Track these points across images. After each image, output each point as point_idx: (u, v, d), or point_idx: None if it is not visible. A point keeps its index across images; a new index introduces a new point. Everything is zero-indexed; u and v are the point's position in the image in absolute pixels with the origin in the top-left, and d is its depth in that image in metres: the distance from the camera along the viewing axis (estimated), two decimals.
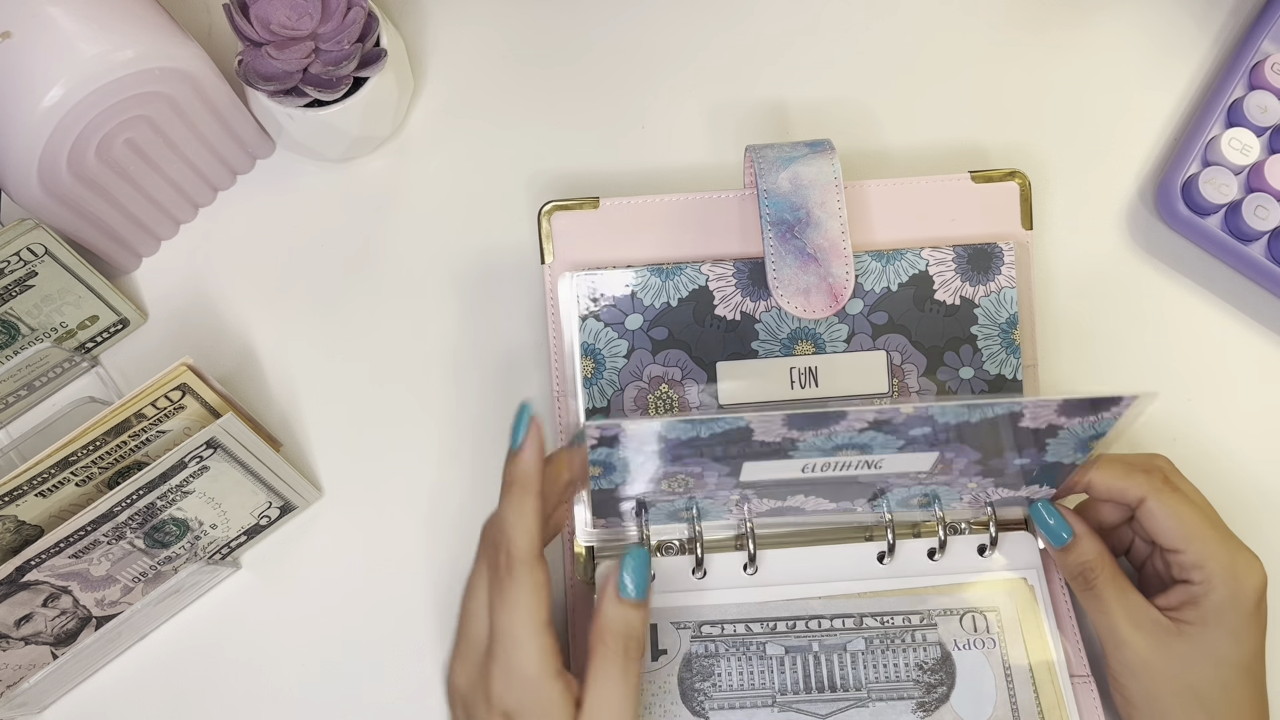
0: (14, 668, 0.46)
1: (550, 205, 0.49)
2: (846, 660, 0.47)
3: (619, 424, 0.39)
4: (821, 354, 0.49)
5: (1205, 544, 0.44)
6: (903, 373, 0.49)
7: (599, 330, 0.48)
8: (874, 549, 0.49)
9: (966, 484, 0.46)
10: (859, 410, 0.39)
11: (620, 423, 0.39)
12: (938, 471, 0.44)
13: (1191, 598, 0.44)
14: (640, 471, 0.43)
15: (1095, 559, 0.46)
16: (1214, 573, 0.44)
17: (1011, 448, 0.43)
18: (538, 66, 0.58)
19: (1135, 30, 0.59)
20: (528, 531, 0.40)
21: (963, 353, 0.49)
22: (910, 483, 0.46)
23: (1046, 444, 0.43)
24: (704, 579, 0.48)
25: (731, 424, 0.39)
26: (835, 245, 0.47)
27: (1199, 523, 0.45)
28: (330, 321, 0.54)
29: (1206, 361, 0.55)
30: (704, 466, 0.43)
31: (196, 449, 0.44)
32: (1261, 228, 0.53)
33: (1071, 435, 0.43)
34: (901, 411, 0.39)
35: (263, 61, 0.48)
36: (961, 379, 0.49)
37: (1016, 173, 0.50)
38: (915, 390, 0.48)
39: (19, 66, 0.44)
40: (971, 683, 0.47)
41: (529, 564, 0.40)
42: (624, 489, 0.45)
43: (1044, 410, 0.41)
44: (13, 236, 0.45)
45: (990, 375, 0.49)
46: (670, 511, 0.47)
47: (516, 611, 0.39)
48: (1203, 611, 0.44)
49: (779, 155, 0.47)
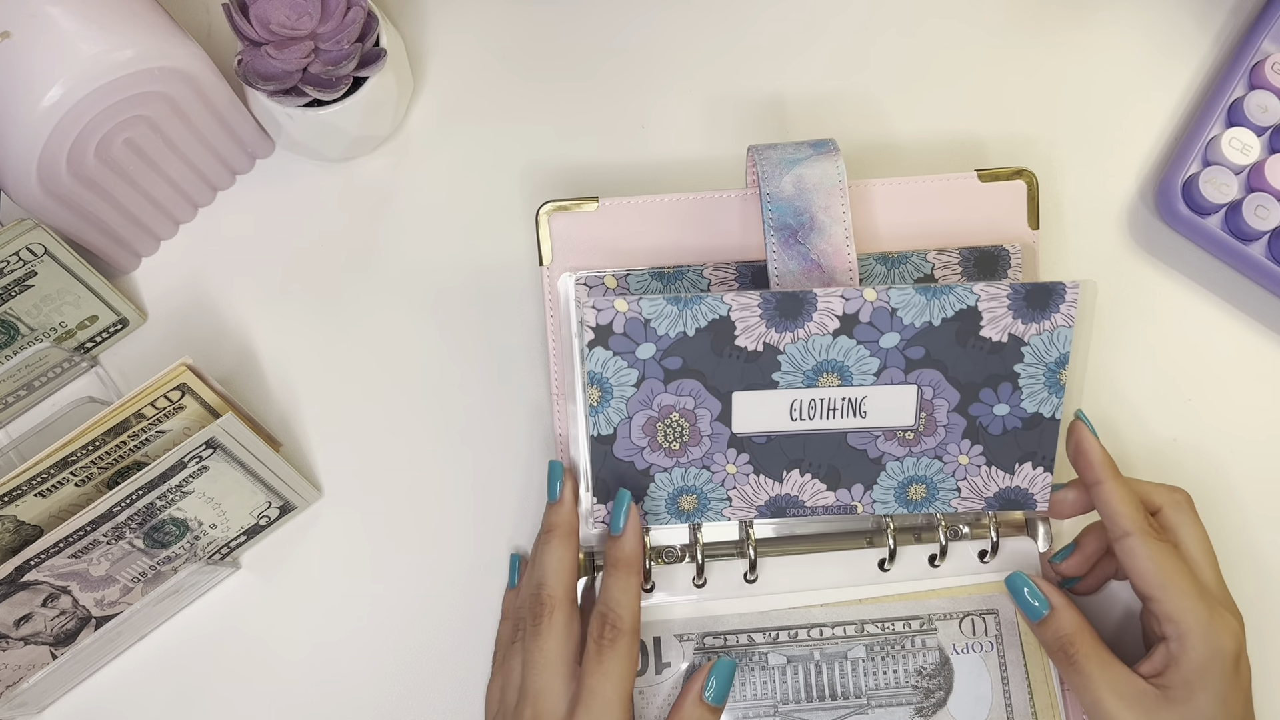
0: (13, 668, 0.46)
1: (549, 205, 0.49)
2: (847, 668, 0.47)
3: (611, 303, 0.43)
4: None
5: (1181, 597, 0.42)
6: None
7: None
8: (875, 556, 0.49)
9: (957, 455, 0.46)
10: (827, 293, 0.44)
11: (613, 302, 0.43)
12: (923, 427, 0.45)
13: (1171, 659, 0.42)
14: (636, 401, 0.44)
15: (1074, 631, 0.44)
16: (1190, 628, 0.42)
17: (983, 378, 0.45)
18: (537, 66, 0.58)
19: (1136, 30, 0.59)
20: (563, 576, 0.45)
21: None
22: (901, 450, 0.46)
23: (1016, 374, 0.45)
24: (705, 588, 0.48)
25: (712, 306, 0.44)
26: (839, 251, 0.46)
27: (1177, 573, 0.43)
28: (330, 321, 0.54)
29: (1206, 361, 0.55)
30: (696, 398, 0.45)
31: (196, 449, 0.44)
32: (1261, 227, 0.53)
33: (1037, 359, 0.44)
34: (864, 297, 0.44)
35: (262, 61, 0.48)
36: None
37: (1024, 171, 0.50)
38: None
39: (18, 66, 0.43)
40: (969, 686, 0.47)
41: (566, 607, 0.45)
42: (621, 440, 0.45)
43: (997, 306, 0.44)
44: (12, 236, 0.45)
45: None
46: (670, 494, 0.46)
47: (614, 680, 0.43)
48: (1184, 673, 0.42)
49: (782, 157, 0.47)
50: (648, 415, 0.46)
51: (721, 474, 0.46)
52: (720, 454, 0.46)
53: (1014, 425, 0.46)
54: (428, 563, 0.51)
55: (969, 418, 0.46)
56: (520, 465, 0.52)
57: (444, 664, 0.50)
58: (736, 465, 0.46)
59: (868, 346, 0.45)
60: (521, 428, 0.53)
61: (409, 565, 0.51)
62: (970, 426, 0.46)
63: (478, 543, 0.51)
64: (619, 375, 0.45)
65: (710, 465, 0.46)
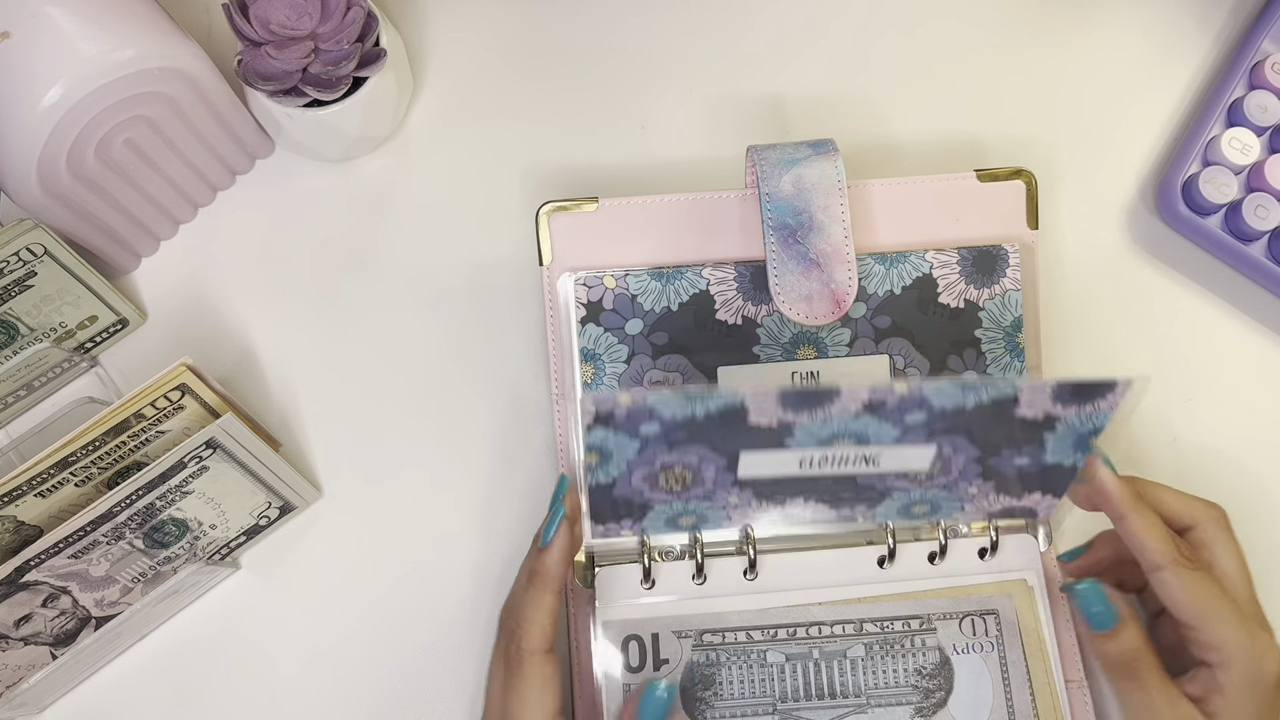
0: (13, 668, 0.46)
1: (549, 205, 0.49)
2: (846, 667, 0.47)
3: (614, 398, 0.38)
4: (823, 358, 0.48)
5: (1221, 625, 0.42)
6: (905, 377, 0.48)
7: (599, 335, 0.48)
8: (874, 554, 0.49)
9: (967, 489, 0.44)
10: (853, 390, 0.38)
11: (616, 397, 0.38)
12: (937, 471, 0.43)
13: (1216, 686, 0.42)
14: (637, 462, 0.41)
15: (1142, 648, 0.43)
16: (1232, 655, 0.42)
17: (1009, 443, 0.41)
18: (537, 66, 0.58)
19: (1135, 30, 0.59)
20: (540, 625, 0.43)
21: (966, 356, 0.49)
22: (910, 485, 0.43)
23: (1044, 439, 0.41)
24: (704, 585, 0.48)
25: (727, 401, 0.38)
26: (838, 250, 0.46)
27: (1214, 601, 0.42)
28: (330, 321, 0.54)
29: (1206, 361, 0.55)
30: (701, 456, 0.41)
31: (196, 449, 0.44)
32: (1261, 228, 0.53)
33: (1069, 429, 0.41)
34: (895, 391, 0.38)
35: (262, 61, 0.48)
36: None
37: (1023, 171, 0.50)
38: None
39: (18, 66, 0.43)
40: (969, 687, 0.47)
41: (539, 657, 0.42)
42: (621, 485, 0.43)
43: (1039, 396, 0.40)
44: (12, 236, 0.45)
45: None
46: (669, 517, 0.44)
47: (524, 704, 0.42)
48: (1230, 700, 0.42)
49: (781, 157, 0.47)
50: None
51: (724, 504, 0.44)
52: (723, 491, 0.43)
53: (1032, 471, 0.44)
54: (427, 563, 0.51)
55: (986, 466, 0.43)
56: (520, 466, 0.52)
57: (444, 664, 0.50)
58: (739, 499, 0.44)
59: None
60: (521, 428, 0.53)
61: (409, 565, 0.51)
62: (986, 470, 0.44)
63: (478, 543, 0.51)
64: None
65: (712, 497, 0.44)
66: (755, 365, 0.48)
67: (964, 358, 0.49)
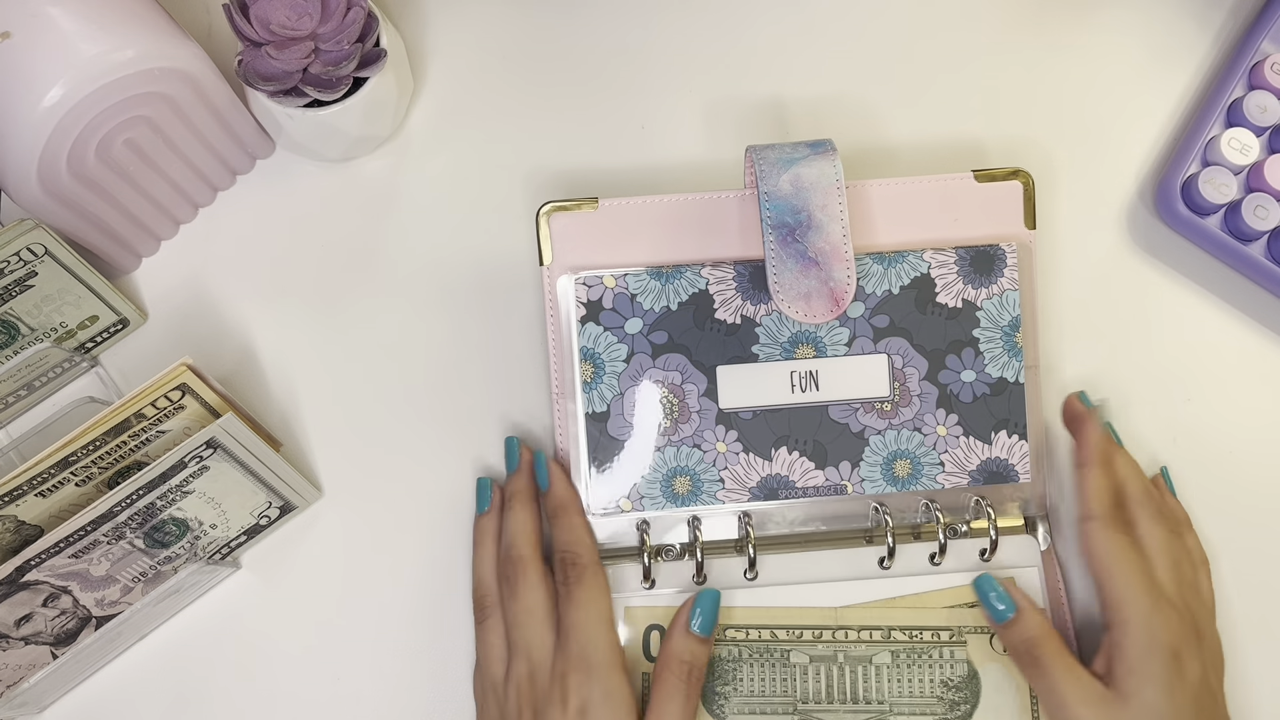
0: (14, 668, 0.46)
1: (549, 206, 0.49)
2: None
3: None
4: (822, 357, 0.49)
5: (1126, 587, 0.44)
6: (904, 376, 0.48)
7: (598, 334, 0.48)
8: (874, 553, 0.49)
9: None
10: None
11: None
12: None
13: (1114, 647, 0.43)
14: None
15: (1040, 635, 0.45)
16: (1129, 616, 0.43)
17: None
18: (537, 67, 0.58)
19: (1135, 30, 0.59)
20: (586, 544, 0.47)
21: (964, 356, 0.49)
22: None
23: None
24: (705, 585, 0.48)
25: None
26: (837, 249, 0.46)
27: (1126, 563, 0.44)
28: (330, 321, 0.54)
29: (1206, 361, 0.55)
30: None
31: (196, 449, 0.44)
32: (1261, 228, 0.53)
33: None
34: None
35: (262, 61, 0.48)
36: (963, 382, 0.49)
37: (1020, 171, 0.50)
38: (917, 394, 0.48)
39: (19, 66, 0.44)
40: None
41: (596, 568, 0.46)
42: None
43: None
44: (12, 236, 0.45)
45: (992, 378, 0.49)
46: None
47: (588, 608, 0.45)
48: (1127, 663, 0.43)
49: (780, 157, 0.47)
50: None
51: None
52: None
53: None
54: (428, 562, 0.51)
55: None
56: None
57: (444, 664, 0.50)
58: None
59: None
60: (521, 428, 0.53)
61: (409, 565, 0.51)
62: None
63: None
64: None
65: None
66: (754, 364, 0.48)
67: (962, 357, 0.49)
